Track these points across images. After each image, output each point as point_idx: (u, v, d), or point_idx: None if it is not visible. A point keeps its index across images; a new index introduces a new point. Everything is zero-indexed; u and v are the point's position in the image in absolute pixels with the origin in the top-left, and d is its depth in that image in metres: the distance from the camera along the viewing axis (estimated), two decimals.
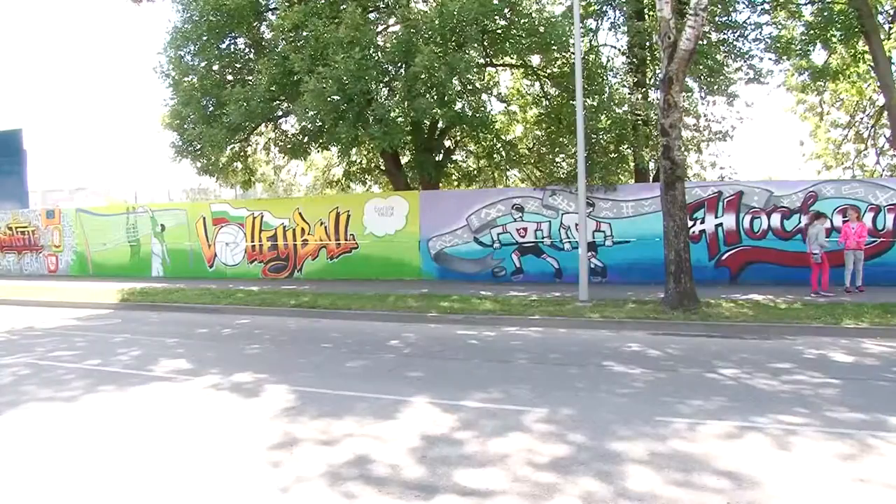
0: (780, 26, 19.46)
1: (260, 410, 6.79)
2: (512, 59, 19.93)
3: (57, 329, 13.06)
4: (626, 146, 19.14)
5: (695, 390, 7.15)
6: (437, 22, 15.70)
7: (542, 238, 18.16)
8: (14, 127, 31.51)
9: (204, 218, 23.00)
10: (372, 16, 18.33)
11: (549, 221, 18.09)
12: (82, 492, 4.78)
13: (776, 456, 5.19)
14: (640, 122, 18.51)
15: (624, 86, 19.40)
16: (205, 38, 18.65)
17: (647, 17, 19.35)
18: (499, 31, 17.90)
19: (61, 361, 9.63)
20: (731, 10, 19.01)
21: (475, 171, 25.67)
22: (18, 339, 11.82)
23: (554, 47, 17.27)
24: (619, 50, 21.26)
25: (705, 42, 17.38)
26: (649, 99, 18.08)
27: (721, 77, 18.73)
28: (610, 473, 4.86)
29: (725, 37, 19.32)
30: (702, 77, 18.89)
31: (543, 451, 5.40)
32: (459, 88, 17.82)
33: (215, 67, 19.84)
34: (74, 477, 5.07)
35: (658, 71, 16.03)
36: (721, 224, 16.74)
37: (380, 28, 18.71)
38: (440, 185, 22.85)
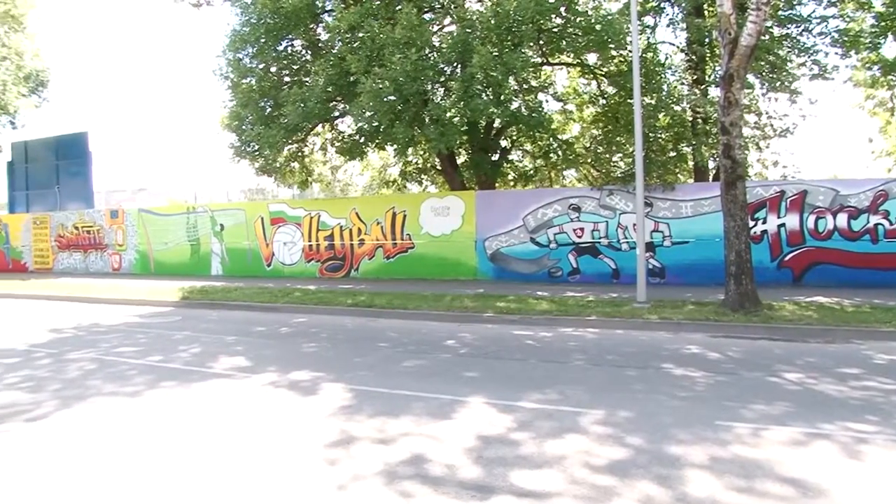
0: (847, 19, 18.82)
1: (317, 408, 6.85)
2: (568, 57, 19.77)
3: (120, 326, 13.39)
4: (684, 145, 18.83)
5: (757, 394, 6.99)
6: (492, 21, 15.65)
7: (600, 238, 17.97)
8: (80, 130, 32.31)
9: (262, 218, 23.33)
10: (427, 16, 18.36)
11: (607, 221, 17.89)
12: (148, 483, 4.89)
13: (845, 464, 5.03)
14: (699, 120, 18.19)
15: (682, 83, 19.06)
16: (262, 40, 18.91)
17: (706, 13, 19.00)
18: (555, 30, 17.76)
19: (125, 357, 9.87)
20: (795, 3, 18.47)
21: (531, 171, 25.51)
22: (84, 336, 12.15)
23: (611, 45, 17.06)
24: (678, 47, 20.91)
25: (767, 37, 16.97)
26: (709, 96, 17.72)
27: (784, 73, 18.26)
28: (669, 477, 4.79)
29: (789, 31, 18.80)
30: (763, 73, 18.46)
31: (601, 453, 5.34)
32: (516, 88, 17.75)
33: (273, 69, 20.10)
34: (138, 470, 5.19)
35: (718, 68, 15.68)
36: (784, 224, 16.33)
37: (435, 28, 18.71)
38: (496, 184, 22.78)
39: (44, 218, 29.77)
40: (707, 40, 18.68)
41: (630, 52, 16.09)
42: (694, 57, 19.16)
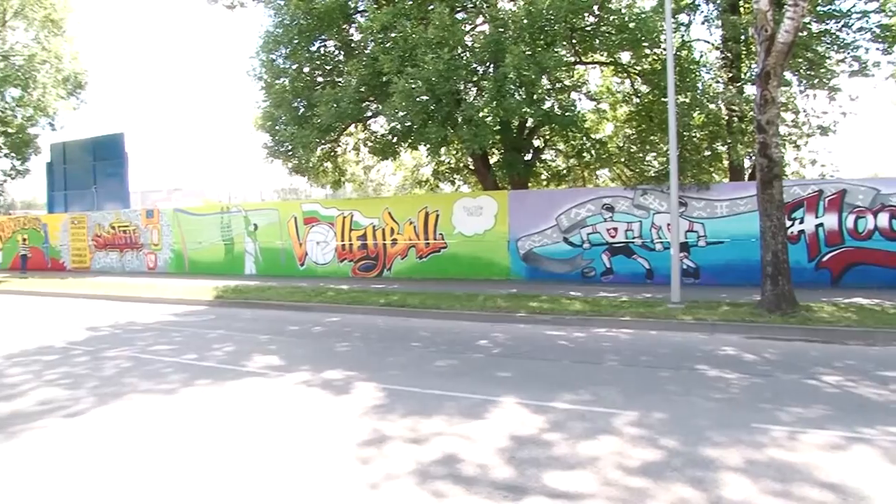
0: (889, 13, 18.42)
1: (350, 407, 6.87)
2: (601, 56, 19.65)
3: (156, 324, 13.56)
4: (719, 143, 18.60)
5: (794, 397, 6.88)
6: (525, 20, 15.61)
7: (633, 238, 17.84)
8: (116, 131, 32.82)
9: (295, 217, 23.49)
10: (460, 16, 18.36)
11: (640, 221, 17.76)
12: (183, 479, 4.95)
13: (887, 470, 4.93)
14: (734, 118, 17.96)
15: (718, 81, 18.81)
16: (296, 41, 19.05)
17: (741, 10, 18.75)
18: (588, 29, 17.67)
19: (160, 355, 10.00)
20: None
21: (564, 171, 25.41)
22: (121, 333, 12.33)
23: (644, 43, 16.92)
24: (713, 45, 20.65)
25: (805, 33, 16.68)
26: (744, 94, 17.48)
27: (822, 70, 17.91)
28: (703, 480, 4.73)
29: (828, 27, 18.43)
30: (801, 70, 18.13)
31: (634, 455, 5.29)
32: (548, 87, 17.69)
33: (306, 70, 20.23)
34: (174, 465, 5.25)
35: (754, 65, 15.48)
36: (822, 224, 16.06)
37: (468, 28, 18.71)
38: (529, 184, 22.72)
39: (81, 218, 30.28)
40: (743, 37, 18.42)
41: (664, 50, 15.97)
42: (729, 54, 18.92)
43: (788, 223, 14.52)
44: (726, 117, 18.04)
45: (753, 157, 15.48)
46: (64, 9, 26.06)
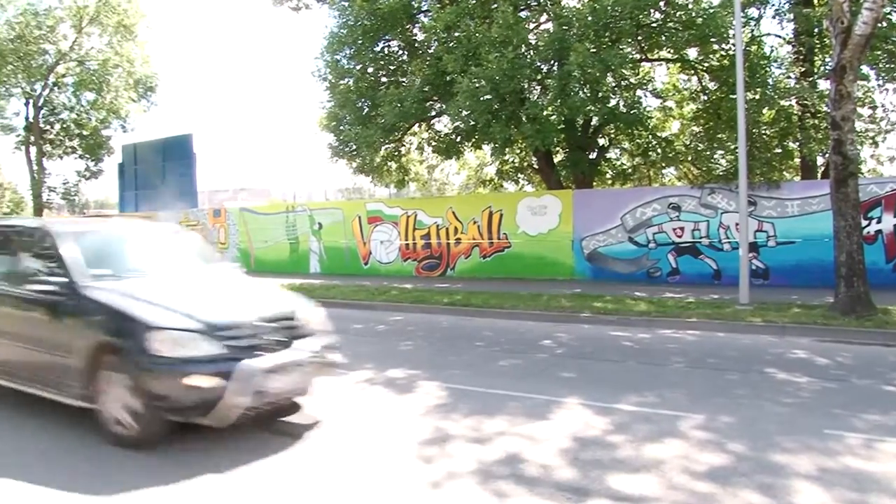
0: None
1: (412, 406, 6.91)
2: (668, 53, 19.37)
3: None
4: (790, 141, 18.12)
5: (871, 403, 6.64)
6: (590, 18, 15.48)
7: (700, 238, 17.50)
8: (185, 132, 33.64)
9: (359, 216, 23.70)
10: (524, 14, 18.27)
11: (708, 221, 17.41)
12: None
13: None
14: (807, 114, 17.47)
15: (789, 77, 18.31)
16: (360, 41, 19.25)
17: (815, 2, 18.22)
18: (654, 25, 17.43)
19: None
20: None
21: (629, 170, 25.09)
22: None
23: (712, 39, 16.60)
24: (785, 39, 20.10)
25: (885, 24, 16.10)
26: (818, 89, 16.97)
27: None
28: (773, 487, 4.61)
29: None
30: (879, 64, 17.46)
31: (701, 459, 5.19)
32: (613, 85, 17.48)
33: (370, 70, 20.41)
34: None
35: (829, 59, 15.02)
36: None
37: (532, 26, 18.62)
38: (594, 183, 22.51)
39: (151, 217, 31.06)
40: (816, 30, 17.85)
41: (733, 45, 15.61)
42: (802, 48, 18.39)
43: (864, 223, 14.03)
44: (798, 114, 17.56)
45: (827, 155, 15.01)
46: (135, 14, 26.86)
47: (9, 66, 25.22)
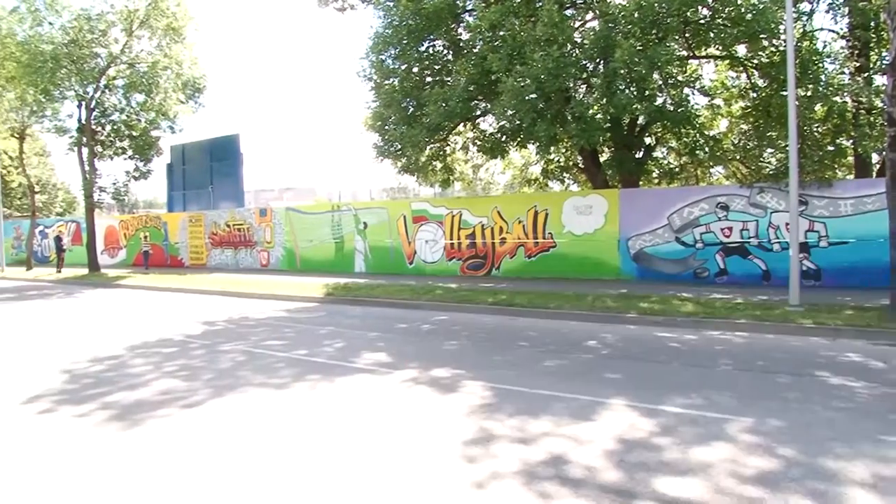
0: None
1: (457, 405, 6.90)
2: (716, 50, 19.02)
3: (268, 319, 14.01)
4: (844, 138, 17.70)
5: None
6: (636, 15, 15.30)
7: (749, 238, 17.23)
8: (232, 132, 34.11)
9: (404, 216, 23.82)
10: (569, 12, 18.14)
11: (757, 220, 17.13)
12: (294, 472, 5.09)
13: None
14: (862, 111, 17.05)
15: (843, 72, 17.86)
16: (405, 41, 19.31)
17: None
18: (702, 22, 17.15)
19: (272, 350, 10.32)
20: None
21: (677, 169, 24.79)
22: (235, 328, 12.80)
23: (762, 35, 16.25)
24: (838, 33, 19.60)
25: None
26: (874, 85, 16.54)
27: None
28: (825, 494, 4.50)
29: None
30: None
31: (749, 463, 5.10)
32: (660, 83, 17.25)
33: (415, 70, 20.46)
34: (286, 458, 5.40)
35: (885, 54, 14.64)
36: None
37: (577, 24, 18.47)
38: (640, 182, 22.27)
39: (198, 216, 31.66)
40: (873, 24, 17.42)
41: (784, 41, 15.29)
42: (857, 43, 17.92)
43: None
44: (852, 110, 17.13)
45: (883, 153, 14.62)
46: (184, 17, 27.28)
47: (63, 70, 25.79)
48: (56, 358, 10.04)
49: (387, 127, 20.68)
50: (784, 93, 14.72)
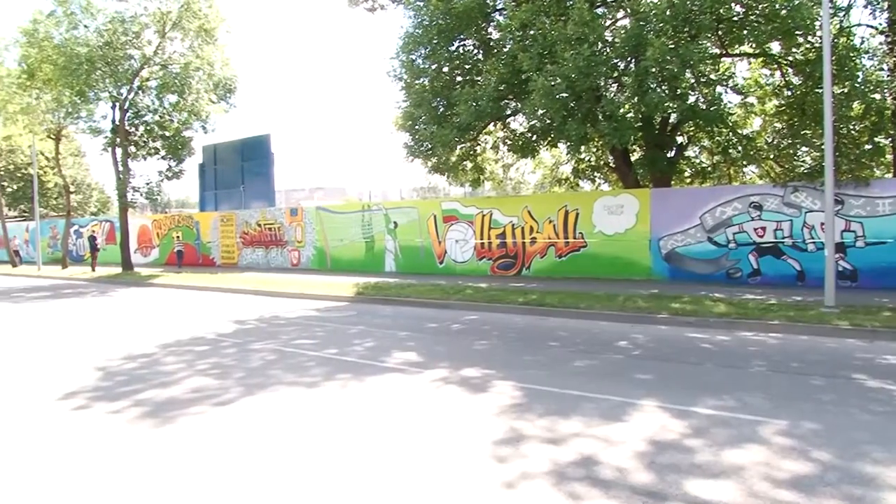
0: None
1: (487, 405, 6.88)
2: (750, 47, 18.79)
3: (298, 318, 14.09)
4: (882, 136, 17.37)
5: None
6: (668, 13, 15.15)
7: (783, 238, 16.99)
8: (262, 132, 34.39)
9: (434, 215, 23.82)
10: (600, 10, 18.02)
11: (791, 220, 16.88)
12: (325, 470, 5.11)
13: None
14: None
15: (882, 69, 17.52)
16: (435, 41, 19.32)
17: None
18: (735, 19, 16.94)
19: (303, 349, 10.37)
20: None
21: (709, 168, 24.52)
22: (266, 327, 12.89)
23: (797, 32, 16.00)
24: (877, 29, 19.23)
25: None
26: None
27: None
28: (862, 499, 4.41)
29: None
30: None
31: (783, 466, 5.02)
32: (693, 81, 17.09)
33: (445, 69, 20.47)
34: (317, 456, 5.42)
35: None
36: None
37: (608, 22, 18.36)
38: (672, 182, 22.07)
39: (230, 216, 31.93)
40: None
41: (820, 37, 15.05)
42: None
43: None
44: (891, 107, 16.82)
45: None
46: (216, 19, 27.56)
47: (98, 72, 26.18)
48: (90, 355, 10.19)
49: (417, 126, 20.71)
50: (819, 90, 14.50)
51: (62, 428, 6.45)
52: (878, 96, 16.40)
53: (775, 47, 18.55)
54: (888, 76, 16.77)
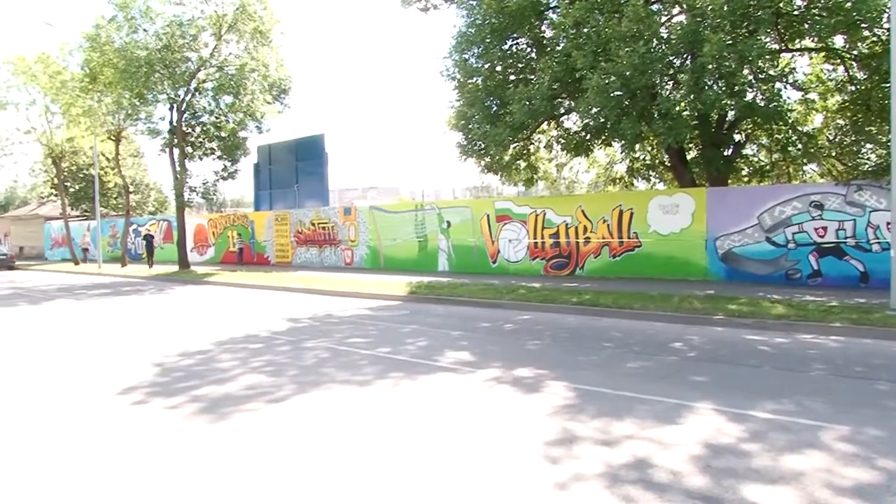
0: None
1: (539, 406, 6.84)
2: (811, 42, 18.33)
3: (351, 317, 14.19)
4: None
5: None
6: (725, 8, 14.84)
7: (845, 238, 16.51)
8: (317, 132, 34.75)
9: (488, 215, 23.77)
10: (655, 7, 17.76)
11: (854, 220, 16.40)
12: (377, 468, 5.13)
13: None
14: None
15: None
16: (488, 40, 19.30)
17: None
18: (795, 13, 16.55)
19: (355, 347, 10.44)
20: None
21: (768, 166, 23.98)
22: (319, 326, 13.00)
23: (863, 25, 15.55)
24: None
25: None
26: None
27: None
28: None
29: None
30: None
31: (845, 473, 4.87)
32: (751, 78, 16.72)
33: (498, 68, 20.42)
34: (369, 455, 5.44)
35: None
36: None
37: (663, 19, 18.08)
38: (728, 181, 21.65)
39: (284, 215, 32.32)
40: None
41: (887, 30, 14.60)
42: None
43: None
44: None
45: None
46: (270, 20, 27.99)
47: (156, 75, 26.84)
48: (148, 351, 10.42)
49: (470, 126, 20.68)
50: (886, 85, 14.05)
51: (122, 422, 6.60)
52: None
53: (838, 41, 18.04)
54: None
